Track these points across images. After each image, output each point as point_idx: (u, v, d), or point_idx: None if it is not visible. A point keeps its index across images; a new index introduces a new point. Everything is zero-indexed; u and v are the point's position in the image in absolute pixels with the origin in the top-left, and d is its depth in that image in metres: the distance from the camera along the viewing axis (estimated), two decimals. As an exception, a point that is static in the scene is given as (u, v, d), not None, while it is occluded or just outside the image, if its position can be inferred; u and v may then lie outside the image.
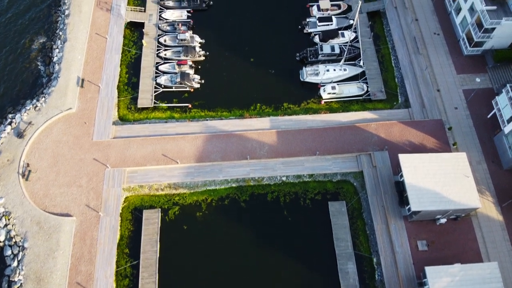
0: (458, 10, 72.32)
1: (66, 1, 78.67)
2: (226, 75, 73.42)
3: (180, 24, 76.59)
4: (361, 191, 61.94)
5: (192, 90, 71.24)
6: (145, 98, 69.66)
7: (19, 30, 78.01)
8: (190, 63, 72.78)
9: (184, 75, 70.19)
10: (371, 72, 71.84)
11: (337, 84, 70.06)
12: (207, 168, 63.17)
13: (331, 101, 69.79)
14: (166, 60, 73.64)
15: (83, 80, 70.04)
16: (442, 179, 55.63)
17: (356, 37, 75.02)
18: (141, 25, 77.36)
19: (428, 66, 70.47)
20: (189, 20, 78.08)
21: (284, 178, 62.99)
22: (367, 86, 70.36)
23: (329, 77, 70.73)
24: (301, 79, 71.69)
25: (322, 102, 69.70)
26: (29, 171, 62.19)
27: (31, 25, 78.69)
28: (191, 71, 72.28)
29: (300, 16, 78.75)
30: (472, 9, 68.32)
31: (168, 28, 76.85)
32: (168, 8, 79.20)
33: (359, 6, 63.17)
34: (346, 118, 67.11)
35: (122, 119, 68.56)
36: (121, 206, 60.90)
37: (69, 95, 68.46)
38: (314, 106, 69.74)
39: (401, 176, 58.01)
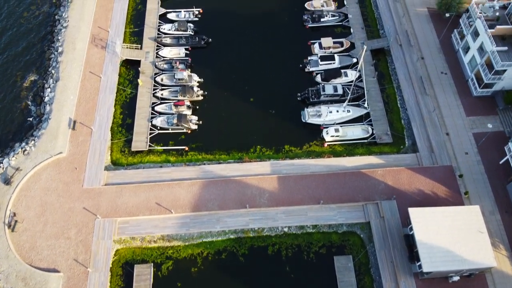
0: (466, 49, 69.70)
1: (59, 38, 76.34)
2: (225, 115, 70.36)
3: (178, 62, 73.96)
4: (369, 243, 58.01)
5: (189, 131, 68.06)
6: (140, 140, 66.41)
7: (11, 67, 75.48)
8: (188, 103, 69.88)
9: (181, 117, 67.14)
10: (376, 113, 68.78)
11: (341, 126, 66.93)
12: (203, 217, 59.42)
13: (335, 144, 66.52)
14: (162, 100, 70.73)
15: (75, 122, 66.96)
16: (455, 236, 51.83)
17: (359, 76, 72.22)
18: (137, 63, 74.74)
19: (436, 107, 67.43)
20: (187, 58, 75.48)
21: (286, 229, 59.18)
22: (372, 129, 67.19)
23: (332, 119, 67.64)
24: (303, 120, 68.57)
25: (325, 145, 66.44)
26: (16, 221, 58.53)
27: (24, 62, 76.20)
28: (189, 112, 69.30)
29: (301, 54, 76.16)
30: (481, 49, 65.66)
31: (166, 66, 74.21)
32: (165, 45, 76.73)
33: (364, 50, 60.39)
34: (351, 163, 63.68)
35: (115, 163, 65.16)
36: (111, 260, 56.90)
37: (60, 138, 65.27)
38: (317, 149, 66.41)
39: (411, 229, 54.21)
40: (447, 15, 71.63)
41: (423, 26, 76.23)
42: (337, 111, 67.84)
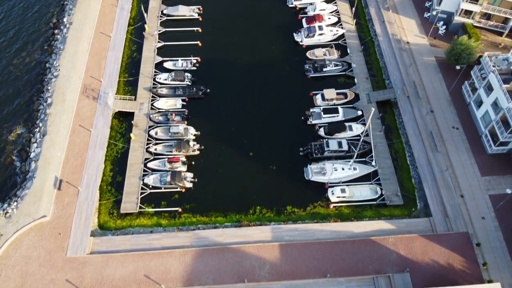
0: (479, 102, 65.80)
1: (49, 88, 72.58)
2: (222, 172, 65.74)
3: (174, 115, 69.94)
4: (380, 323, 52.31)
5: (183, 190, 63.28)
6: (130, 202, 61.53)
7: (-2, 118, 71.62)
8: (183, 158, 65.41)
9: (175, 175, 62.52)
10: (384, 171, 64.22)
11: (347, 186, 62.25)
12: (197, 293, 53.90)
13: (341, 206, 61.63)
14: (156, 155, 66.30)
15: (61, 181, 62.27)
16: (479, 321, 46.30)
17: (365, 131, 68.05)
18: (131, 115, 70.74)
19: (448, 166, 62.90)
20: (184, 109, 71.51)
21: (288, 307, 53.58)
22: (381, 189, 62.44)
23: (337, 177, 63.02)
24: (306, 178, 63.92)
25: (331, 206, 61.56)
26: (-10, 295, 53.04)
27: (11, 113, 72.27)
28: (184, 168, 64.73)
29: (303, 106, 72.24)
30: (496, 105, 61.73)
31: (161, 118, 70.14)
32: (161, 96, 72.92)
33: (371, 113, 56.27)
34: (359, 228, 58.59)
35: (102, 227, 60.04)
36: None
37: (44, 199, 60.42)
38: (321, 211, 61.45)
39: (428, 310, 48.69)
40: (458, 67, 68.14)
41: (431, 77, 72.68)
42: (343, 169, 63.28)
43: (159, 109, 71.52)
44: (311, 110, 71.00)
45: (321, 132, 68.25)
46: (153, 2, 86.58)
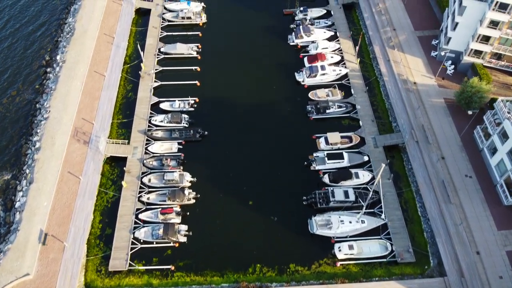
0: (493, 150, 61.88)
1: (38, 131, 68.92)
2: (219, 223, 61.29)
3: (169, 159, 65.99)
4: None
5: (177, 245, 58.70)
6: (119, 258, 56.87)
7: (-17, 163, 67.68)
8: (177, 208, 61.08)
9: (168, 228, 58.06)
10: (394, 224, 59.76)
11: (355, 242, 57.69)
12: None
13: (349, 264, 56.90)
14: (148, 205, 61.98)
15: (46, 235, 57.78)
16: None
17: (372, 178, 64.02)
18: (123, 160, 66.79)
19: (462, 219, 58.48)
20: (180, 154, 67.59)
21: None
22: (391, 244, 57.85)
23: (344, 231, 58.53)
24: (311, 232, 59.40)
25: (338, 264, 56.82)
26: None
27: (-2, 157, 68.52)
28: (177, 219, 60.31)
29: (306, 150, 68.38)
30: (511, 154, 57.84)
31: (155, 163, 66.15)
32: (156, 139, 69.17)
33: (381, 169, 52.24)
34: (368, 290, 53.81)
35: (89, 287, 55.17)
36: None
37: (27, 255, 55.83)
38: (328, 270, 56.65)
39: None
40: (470, 112, 64.55)
41: (441, 120, 69.02)
42: (350, 222, 58.84)
43: (153, 153, 67.60)
44: (314, 154, 67.10)
45: (326, 179, 64.14)
46: (150, 39, 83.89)
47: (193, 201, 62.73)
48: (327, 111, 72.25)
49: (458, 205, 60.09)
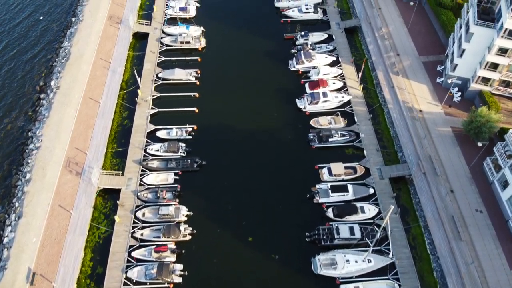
0: (504, 183, 58.91)
1: (29, 161, 66.14)
2: (216, 261, 57.98)
3: (164, 192, 63.00)
4: None
5: (171, 286, 55.28)
6: (111, 300, 53.56)
7: (-30, 195, 64.73)
8: (172, 246, 57.90)
9: (162, 267, 54.77)
10: (402, 263, 56.46)
11: (361, 283, 54.35)
12: None
13: (354, 307, 53.53)
14: (142, 242, 58.80)
15: (34, 274, 54.45)
16: None
17: (379, 212, 60.97)
18: (117, 192, 63.86)
19: (473, 258, 55.21)
20: (176, 185, 64.67)
21: None
22: (399, 285, 54.49)
23: (350, 271, 55.20)
24: (314, 272, 56.04)
25: (342, 306, 53.46)
26: None
27: (-14, 188, 65.59)
28: (172, 258, 57.04)
29: (308, 181, 65.48)
30: (525, 189, 54.92)
31: (150, 196, 63.21)
32: (152, 170, 66.32)
33: (390, 211, 49.08)
34: (376, 337, 50.24)
35: (77, 332, 51.79)
36: None
37: (12, 297, 52.54)
38: (331, 313, 53.25)
39: None
40: (480, 144, 61.80)
41: (448, 150, 66.24)
42: (356, 262, 55.58)
43: (148, 185, 64.67)
44: (317, 186, 64.14)
45: (330, 213, 61.08)
46: (148, 64, 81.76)
47: (189, 237, 59.56)
48: (330, 139, 69.58)
49: (469, 242, 56.87)
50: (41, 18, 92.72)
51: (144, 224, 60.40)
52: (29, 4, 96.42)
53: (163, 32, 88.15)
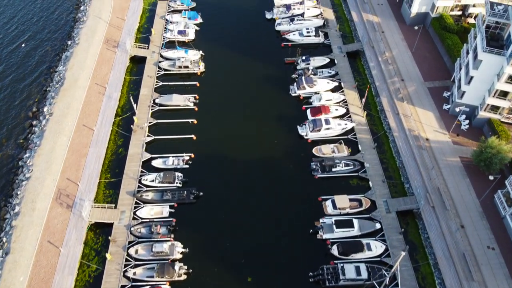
0: (518, 219, 55.82)
1: (19, 192, 63.16)
2: (214, 303, 54.55)
3: (159, 226, 59.75)
4: None
5: (166, 329, 51.85)
6: None
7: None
8: (167, 286, 54.44)
9: (156, 310, 51.38)
10: (412, 306, 52.99)
11: (368, 328, 50.79)
12: None
13: None
14: (134, 281, 55.30)
15: (17, 318, 51.08)
16: None
17: (386, 249, 57.64)
18: (109, 226, 60.64)
19: (489, 301, 51.79)
20: (171, 219, 61.48)
21: None
22: (409, 331, 50.94)
23: (355, 315, 51.72)
24: (317, 314, 52.60)
25: None
26: None
27: (-27, 221, 62.30)
28: (167, 299, 53.69)
29: (311, 213, 62.29)
30: (541, 228, 51.69)
31: (143, 231, 59.98)
32: (146, 202, 63.21)
33: (400, 258, 46.05)
34: None
35: None
36: None
37: None
38: None
39: None
40: (491, 177, 58.82)
41: (458, 182, 63.21)
42: (362, 305, 52.21)
43: (142, 218, 61.46)
44: (321, 221, 60.92)
45: (334, 250, 57.70)
46: (145, 89, 79.31)
47: (184, 276, 56.01)
48: (333, 169, 66.66)
49: (481, 283, 53.44)
50: (37, 42, 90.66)
51: (137, 262, 56.96)
52: (26, 28, 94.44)
53: (161, 56, 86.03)
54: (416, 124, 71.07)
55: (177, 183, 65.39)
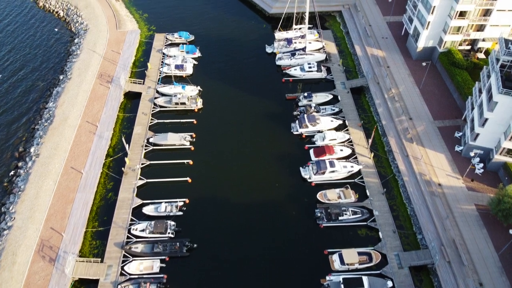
0: (545, 279, 50.43)
1: (0, 244, 58.06)
2: None
3: (148, 284, 54.39)
4: None
5: None
6: None
7: None
8: None
9: None
10: None
11: None
12: None
13: None
14: None
15: None
16: None
17: (399, 312, 52.16)
18: (95, 282, 55.24)
19: None
20: (162, 275, 56.10)
21: None
22: None
23: None
24: None
25: None
26: None
27: None
28: None
29: (317, 268, 56.95)
30: None
31: (132, 288, 54.69)
32: (135, 255, 58.01)
33: None
34: None
35: None
36: None
37: None
38: None
39: None
40: (511, 232, 53.88)
41: (474, 234, 58.14)
42: None
43: (130, 274, 56.10)
44: (327, 278, 55.49)
45: (341, 309, 52.28)
46: (139, 128, 75.09)
47: None
48: (340, 217, 61.71)
49: None
50: (29, 75, 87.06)
51: (123, 326, 51.54)
52: (19, 59, 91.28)
53: (157, 92, 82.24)
54: (427, 167, 66.43)
55: (169, 233, 60.38)
